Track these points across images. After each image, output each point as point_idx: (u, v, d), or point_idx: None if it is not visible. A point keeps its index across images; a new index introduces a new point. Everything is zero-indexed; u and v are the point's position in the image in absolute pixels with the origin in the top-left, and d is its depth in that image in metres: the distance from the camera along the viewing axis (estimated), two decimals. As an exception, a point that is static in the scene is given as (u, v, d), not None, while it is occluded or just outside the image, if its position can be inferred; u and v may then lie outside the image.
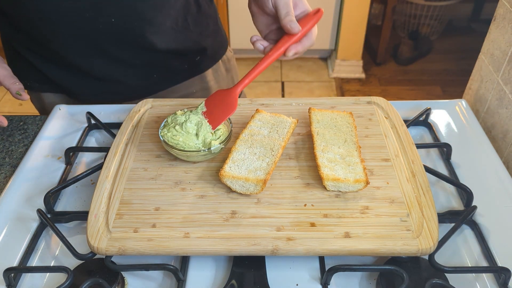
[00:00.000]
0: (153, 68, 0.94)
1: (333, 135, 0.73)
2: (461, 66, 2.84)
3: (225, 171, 0.66)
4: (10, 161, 0.83)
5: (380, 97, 0.85)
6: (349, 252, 0.59)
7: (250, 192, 0.65)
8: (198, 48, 0.97)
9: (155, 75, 0.95)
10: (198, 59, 0.98)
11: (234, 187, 0.65)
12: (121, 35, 0.85)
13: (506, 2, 0.84)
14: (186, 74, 0.99)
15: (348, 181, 0.64)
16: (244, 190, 0.65)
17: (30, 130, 0.91)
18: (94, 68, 0.90)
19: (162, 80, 0.97)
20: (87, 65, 0.89)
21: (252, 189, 0.65)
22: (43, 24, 0.83)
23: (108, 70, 0.91)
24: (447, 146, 0.78)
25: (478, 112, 0.94)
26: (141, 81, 0.95)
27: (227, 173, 0.65)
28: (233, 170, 0.66)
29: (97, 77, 0.91)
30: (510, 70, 0.83)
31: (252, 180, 0.65)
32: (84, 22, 0.82)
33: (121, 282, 0.61)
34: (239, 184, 0.65)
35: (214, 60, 1.03)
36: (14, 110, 2.63)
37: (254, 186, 0.65)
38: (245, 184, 0.65)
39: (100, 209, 0.64)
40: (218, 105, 0.73)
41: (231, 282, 0.59)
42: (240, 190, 0.66)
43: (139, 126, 0.80)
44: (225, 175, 0.65)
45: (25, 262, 0.64)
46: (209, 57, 1.01)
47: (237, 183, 0.65)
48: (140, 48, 0.88)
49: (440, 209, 0.70)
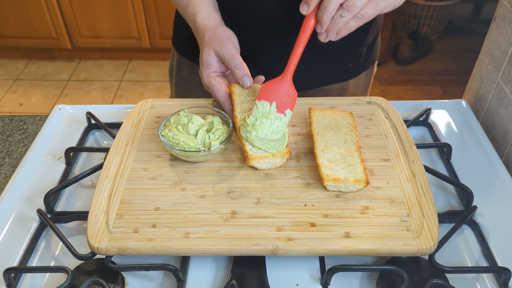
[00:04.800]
0: (309, 70, 0.91)
1: (333, 135, 0.73)
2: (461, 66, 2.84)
3: (249, 155, 0.68)
4: (10, 161, 0.83)
5: (380, 97, 0.85)
6: (349, 252, 0.59)
7: (278, 164, 0.70)
8: (356, 54, 0.94)
9: (308, 77, 0.92)
10: (351, 66, 0.95)
11: (262, 166, 0.69)
12: (293, 35, 0.77)
13: (506, 2, 0.84)
14: (337, 78, 0.96)
15: (348, 181, 0.64)
16: (271, 166, 0.70)
17: (30, 130, 0.91)
18: (264, 62, 0.88)
19: (314, 81, 0.94)
20: (257, 59, 0.87)
21: (278, 162, 0.70)
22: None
23: (275, 65, 0.84)
24: (447, 146, 0.78)
25: (478, 112, 0.94)
26: (293, 78, 0.88)
27: (254, 156, 0.68)
28: (255, 151, 0.69)
29: (265, 71, 0.86)
30: (510, 70, 0.83)
31: (278, 155, 0.69)
32: (271, 15, 0.81)
33: (121, 282, 0.61)
34: (267, 161, 0.69)
35: (364, 68, 0.99)
36: (14, 110, 2.63)
37: (280, 159, 0.69)
38: (271, 160, 0.69)
39: (100, 209, 0.64)
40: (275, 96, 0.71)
41: (231, 282, 0.59)
42: (267, 167, 0.70)
43: (139, 126, 0.80)
44: (252, 158, 0.68)
45: (25, 262, 0.64)
46: (361, 66, 0.97)
47: (264, 162, 0.69)
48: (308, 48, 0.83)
49: (440, 209, 0.70)
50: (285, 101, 0.72)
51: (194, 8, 0.78)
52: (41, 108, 2.64)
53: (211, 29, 0.76)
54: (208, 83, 0.75)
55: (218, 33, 0.75)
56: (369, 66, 1.00)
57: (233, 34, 0.77)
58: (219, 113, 0.76)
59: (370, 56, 0.98)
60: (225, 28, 0.78)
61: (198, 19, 0.78)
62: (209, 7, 0.79)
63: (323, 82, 0.96)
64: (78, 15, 2.69)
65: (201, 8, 0.78)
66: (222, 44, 0.73)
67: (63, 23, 2.72)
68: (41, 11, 2.66)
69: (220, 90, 0.75)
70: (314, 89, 0.96)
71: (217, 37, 0.74)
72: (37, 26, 2.75)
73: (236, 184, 0.68)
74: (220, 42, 0.74)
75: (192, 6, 0.79)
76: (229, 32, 0.76)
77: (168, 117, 0.75)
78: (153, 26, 2.72)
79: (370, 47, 0.96)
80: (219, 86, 0.75)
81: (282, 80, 0.71)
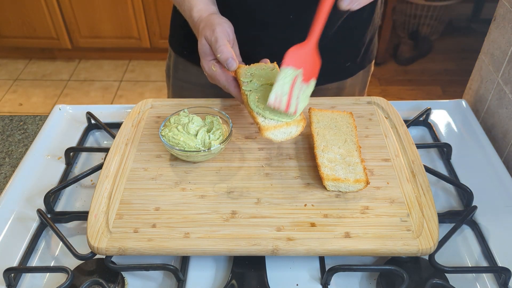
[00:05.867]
0: None
1: (333, 135, 0.73)
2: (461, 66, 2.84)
3: (262, 126, 0.65)
4: (10, 161, 0.83)
5: (380, 97, 0.85)
6: (349, 252, 0.59)
7: (294, 134, 0.67)
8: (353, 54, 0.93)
9: None
10: (348, 65, 0.95)
11: (277, 137, 0.66)
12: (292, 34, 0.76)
13: (506, 2, 0.84)
14: (334, 77, 0.96)
15: (348, 181, 0.64)
16: (286, 136, 0.67)
17: (30, 130, 0.91)
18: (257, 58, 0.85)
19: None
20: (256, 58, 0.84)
21: (294, 131, 0.67)
22: None
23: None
24: (447, 146, 0.78)
25: (478, 112, 0.94)
26: None
27: (268, 126, 0.65)
28: (267, 122, 0.66)
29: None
30: (510, 70, 0.83)
31: (293, 123, 0.66)
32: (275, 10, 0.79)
33: (121, 282, 0.61)
34: (282, 131, 0.66)
35: (361, 68, 0.99)
36: (14, 110, 2.63)
37: (295, 128, 0.67)
38: (286, 129, 0.66)
39: (100, 209, 0.64)
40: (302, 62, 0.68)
41: (231, 282, 0.59)
42: (282, 138, 0.67)
43: (139, 126, 0.80)
44: (266, 128, 0.65)
45: (25, 262, 0.64)
46: (358, 65, 0.97)
47: (279, 131, 0.66)
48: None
49: (440, 209, 0.70)
50: (311, 69, 0.69)
51: (191, 2, 0.78)
52: (41, 108, 2.64)
53: (205, 19, 0.75)
54: (210, 71, 0.74)
55: (211, 21, 0.74)
56: (366, 65, 1.00)
57: (227, 21, 0.75)
58: (219, 113, 0.76)
59: (367, 55, 0.98)
60: (218, 16, 0.76)
61: (194, 12, 0.77)
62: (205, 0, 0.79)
63: (320, 81, 0.95)
64: (78, 15, 2.69)
65: (198, 1, 0.78)
66: (211, 30, 0.72)
67: (63, 23, 2.72)
68: (41, 11, 2.66)
69: (222, 75, 0.73)
70: None
71: (209, 25, 0.73)
72: (37, 26, 2.75)
73: (236, 184, 0.68)
74: (210, 28, 0.72)
75: (188, 0, 0.78)
76: (221, 19, 0.75)
77: (168, 117, 0.75)
78: (153, 26, 2.72)
79: (367, 46, 0.96)
80: (220, 71, 0.73)
81: (308, 45, 0.68)
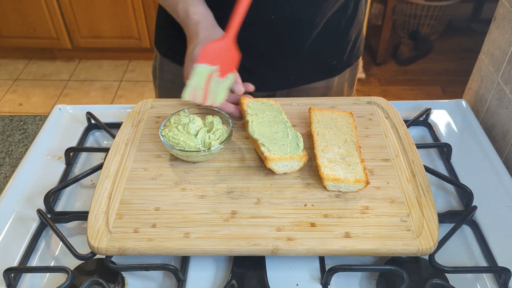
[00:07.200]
0: (293, 69, 0.91)
1: (333, 135, 0.73)
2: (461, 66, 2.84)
3: (267, 156, 0.67)
4: (10, 161, 0.83)
5: (380, 97, 0.85)
6: (349, 252, 0.59)
7: (295, 168, 0.68)
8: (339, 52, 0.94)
9: (292, 76, 0.93)
10: (335, 63, 0.96)
11: (280, 169, 0.67)
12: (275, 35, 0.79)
13: (506, 2, 0.84)
14: (321, 76, 0.96)
15: (348, 181, 0.64)
16: (288, 169, 0.68)
17: (30, 130, 0.91)
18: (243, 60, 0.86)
19: (298, 80, 0.95)
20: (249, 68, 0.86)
21: (296, 165, 0.68)
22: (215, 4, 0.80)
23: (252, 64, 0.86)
24: (447, 146, 0.78)
25: (478, 112, 0.94)
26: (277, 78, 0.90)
27: (272, 157, 0.67)
28: (272, 153, 0.68)
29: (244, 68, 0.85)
30: (510, 70, 0.83)
31: (296, 158, 0.67)
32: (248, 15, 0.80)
33: (121, 282, 0.61)
34: (284, 164, 0.67)
35: (348, 65, 0.99)
36: (14, 110, 2.63)
37: (297, 163, 0.68)
38: (289, 163, 0.67)
39: (100, 209, 0.64)
40: (217, 58, 0.69)
41: (231, 282, 0.59)
42: (284, 170, 0.68)
43: (139, 126, 0.80)
44: (271, 159, 0.66)
45: (25, 262, 0.64)
46: (344, 63, 0.98)
47: (282, 164, 0.67)
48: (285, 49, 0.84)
49: (440, 209, 0.70)
50: (228, 64, 0.70)
51: (186, 4, 0.78)
52: (41, 108, 2.64)
53: (206, 28, 0.76)
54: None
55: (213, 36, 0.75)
56: (353, 63, 1.00)
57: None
58: (219, 113, 0.76)
59: (354, 52, 0.98)
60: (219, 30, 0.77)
61: (191, 13, 0.78)
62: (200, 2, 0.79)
63: (307, 80, 0.96)
64: (78, 15, 2.69)
65: (193, 3, 0.78)
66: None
67: (63, 23, 2.72)
68: (41, 11, 2.66)
69: None
70: (298, 87, 0.96)
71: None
72: (37, 26, 2.75)
73: (236, 184, 0.68)
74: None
75: (183, 2, 0.79)
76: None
77: (168, 117, 0.75)
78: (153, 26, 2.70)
79: (353, 44, 0.96)
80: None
81: (224, 41, 0.69)
